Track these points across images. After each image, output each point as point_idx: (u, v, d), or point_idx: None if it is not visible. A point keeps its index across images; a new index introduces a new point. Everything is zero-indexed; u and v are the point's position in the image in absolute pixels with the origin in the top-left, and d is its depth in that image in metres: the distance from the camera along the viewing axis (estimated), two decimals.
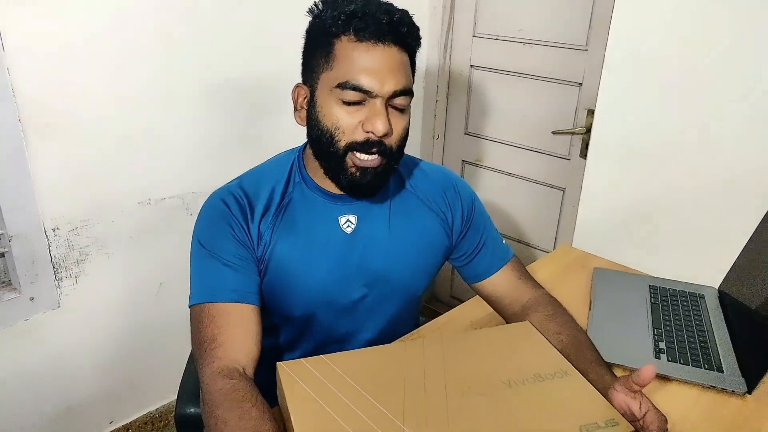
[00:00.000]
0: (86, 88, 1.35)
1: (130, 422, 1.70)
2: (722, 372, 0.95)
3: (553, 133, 1.83)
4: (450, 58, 2.07)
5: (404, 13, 0.84)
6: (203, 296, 0.86)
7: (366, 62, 0.81)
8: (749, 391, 0.91)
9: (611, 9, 1.32)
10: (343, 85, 0.82)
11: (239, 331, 0.84)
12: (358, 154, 0.85)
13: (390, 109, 0.85)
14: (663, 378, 0.95)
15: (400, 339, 1.03)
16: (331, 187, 0.93)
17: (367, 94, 0.82)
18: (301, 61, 0.91)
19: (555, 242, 1.96)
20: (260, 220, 0.91)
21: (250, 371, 0.82)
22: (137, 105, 1.44)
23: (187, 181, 1.58)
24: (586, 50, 1.71)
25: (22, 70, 1.25)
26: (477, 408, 0.75)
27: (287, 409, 0.74)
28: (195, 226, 0.93)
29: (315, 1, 0.87)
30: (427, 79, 2.13)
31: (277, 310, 0.97)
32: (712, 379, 0.93)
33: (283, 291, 0.93)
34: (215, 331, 0.83)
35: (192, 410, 1.03)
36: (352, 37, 0.81)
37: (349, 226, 0.95)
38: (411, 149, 1.08)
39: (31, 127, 1.29)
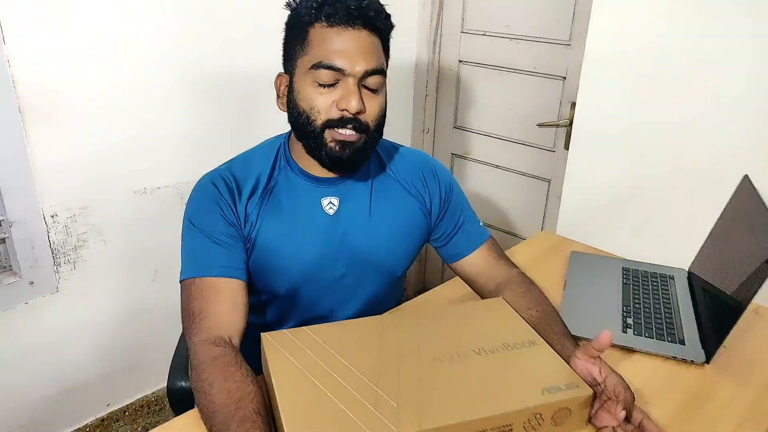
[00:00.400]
0: (84, 80, 1.39)
1: (127, 405, 1.74)
2: (684, 344, 1.00)
3: (539, 125, 1.88)
4: (439, 53, 2.12)
5: (373, 0, 0.90)
6: (193, 271, 0.91)
7: (338, 44, 0.87)
8: (707, 361, 0.96)
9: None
10: (317, 65, 0.87)
11: (226, 304, 0.89)
12: (335, 130, 0.90)
13: (363, 90, 0.90)
14: (628, 350, 1.00)
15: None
16: (315, 171, 0.98)
17: (340, 72, 0.87)
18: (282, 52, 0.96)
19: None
20: (247, 202, 0.96)
21: (236, 341, 0.87)
22: (134, 97, 1.48)
23: (181, 171, 1.63)
24: (570, 45, 1.76)
25: (22, 62, 1.29)
26: (447, 373, 0.80)
27: (270, 375, 0.79)
28: (186, 206, 0.98)
29: None
30: (416, 74, 2.18)
31: (263, 288, 1.01)
32: (674, 350, 0.98)
33: (269, 269, 0.98)
34: (203, 304, 0.88)
35: (183, 384, 1.07)
36: (324, 23, 0.87)
37: (331, 207, 1.00)
38: (402, 143, 1.14)
39: (31, 118, 1.34)
